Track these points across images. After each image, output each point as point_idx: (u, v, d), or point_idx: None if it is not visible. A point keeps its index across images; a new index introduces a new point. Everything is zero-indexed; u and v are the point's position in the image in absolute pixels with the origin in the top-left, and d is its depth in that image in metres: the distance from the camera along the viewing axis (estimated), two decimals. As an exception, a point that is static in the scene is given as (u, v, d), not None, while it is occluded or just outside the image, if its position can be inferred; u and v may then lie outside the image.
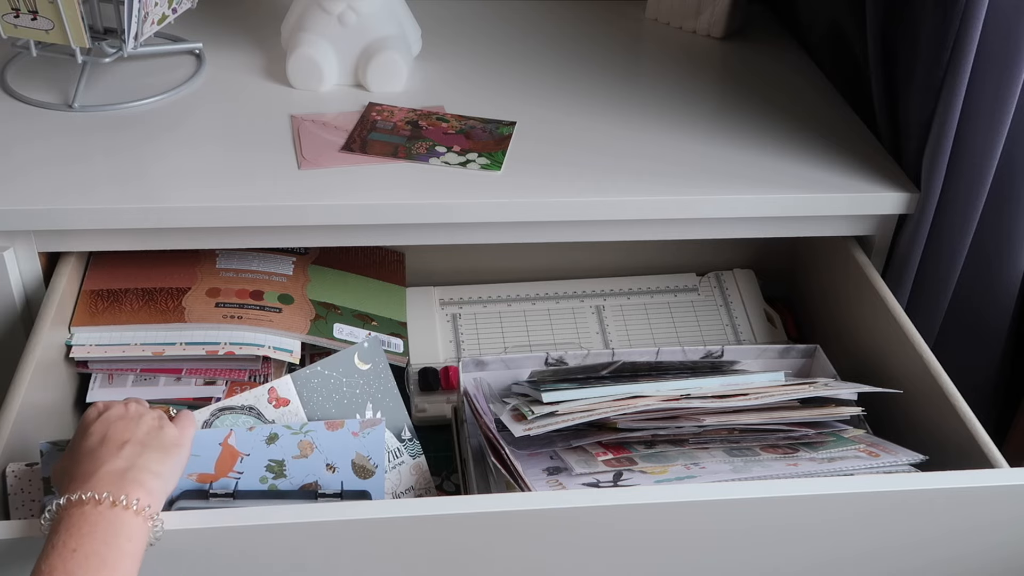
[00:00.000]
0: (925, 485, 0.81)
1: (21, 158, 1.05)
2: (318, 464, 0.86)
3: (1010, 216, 1.07)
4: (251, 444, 0.84)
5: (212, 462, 0.84)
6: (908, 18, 1.04)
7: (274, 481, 0.85)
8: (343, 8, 1.17)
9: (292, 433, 0.85)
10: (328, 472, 0.86)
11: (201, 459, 0.83)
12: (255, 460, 0.85)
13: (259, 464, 0.85)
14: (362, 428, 0.86)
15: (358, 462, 0.86)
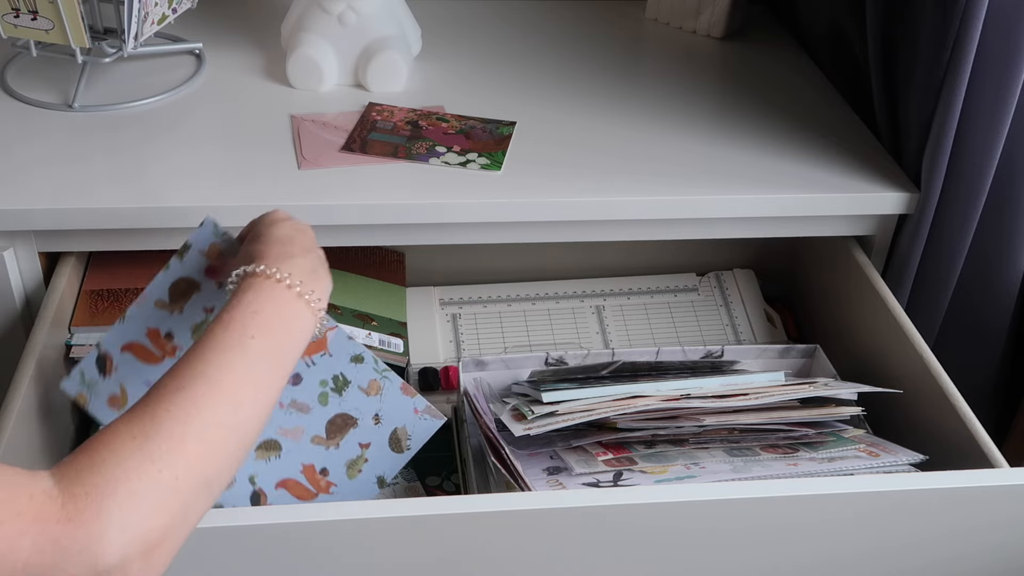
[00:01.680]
0: (925, 485, 0.81)
1: (21, 158, 1.05)
2: (370, 408, 0.86)
3: (1010, 216, 1.07)
4: (340, 349, 0.85)
5: None
6: (908, 18, 1.04)
7: (331, 392, 0.85)
8: (343, 8, 1.17)
9: (374, 368, 0.86)
10: (372, 422, 0.86)
11: None
12: (331, 363, 0.86)
13: (331, 368, 0.86)
14: (424, 411, 0.87)
15: (399, 434, 0.87)
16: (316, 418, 0.86)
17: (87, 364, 0.85)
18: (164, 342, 0.84)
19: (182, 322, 0.84)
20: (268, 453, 0.86)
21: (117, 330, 0.85)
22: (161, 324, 0.84)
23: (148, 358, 0.84)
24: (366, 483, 0.87)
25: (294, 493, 0.87)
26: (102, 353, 0.85)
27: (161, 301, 0.84)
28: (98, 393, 0.85)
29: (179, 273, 0.84)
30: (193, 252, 0.84)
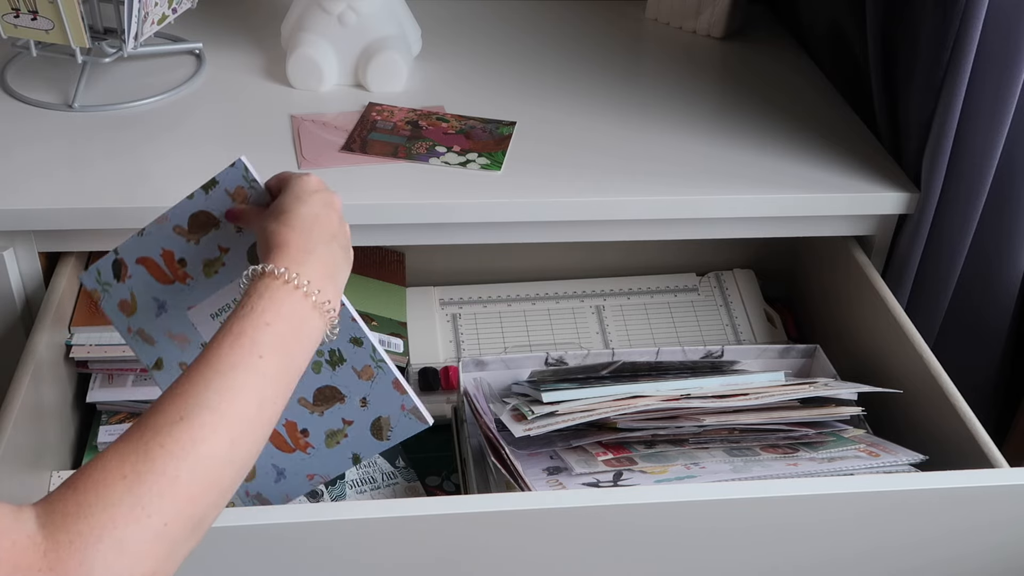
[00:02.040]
0: (925, 485, 0.81)
1: (21, 158, 1.05)
2: (359, 390, 0.85)
3: (1010, 216, 1.07)
4: (344, 328, 0.83)
5: None
6: (908, 18, 1.04)
7: (325, 364, 0.84)
8: (343, 8, 1.17)
9: (371, 356, 0.84)
10: (359, 403, 0.85)
11: None
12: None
13: (330, 343, 0.84)
14: (411, 411, 0.86)
15: (382, 423, 0.86)
16: (306, 383, 0.85)
17: (104, 265, 0.86)
18: (176, 266, 0.84)
19: (196, 253, 0.84)
20: None
21: (135, 241, 0.85)
22: (176, 248, 0.84)
23: (160, 276, 0.85)
24: (342, 456, 0.87)
25: (274, 443, 0.86)
26: (118, 259, 0.85)
27: (180, 227, 0.84)
28: (111, 294, 0.86)
29: (201, 206, 0.83)
30: (219, 189, 0.83)
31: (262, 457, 0.77)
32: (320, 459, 0.87)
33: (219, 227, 0.83)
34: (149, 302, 0.85)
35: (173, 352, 0.86)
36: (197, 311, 0.85)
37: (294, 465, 0.87)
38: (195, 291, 0.85)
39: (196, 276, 0.84)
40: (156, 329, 0.86)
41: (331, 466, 0.87)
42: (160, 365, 0.87)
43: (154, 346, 0.86)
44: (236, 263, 0.84)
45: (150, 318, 0.86)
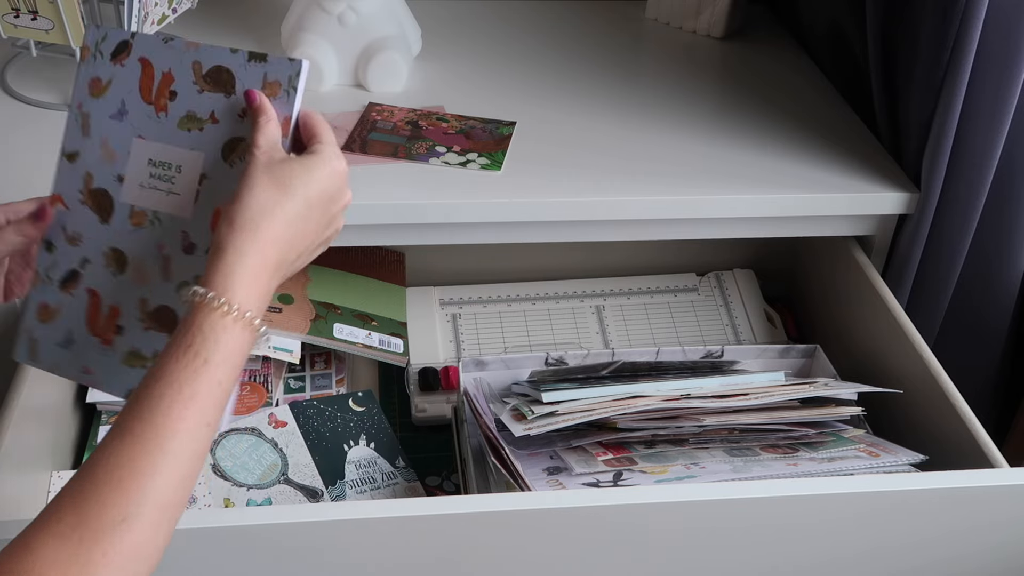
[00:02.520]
0: (925, 485, 0.81)
1: (21, 158, 1.05)
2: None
3: (1010, 216, 1.07)
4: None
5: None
6: (908, 18, 1.04)
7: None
8: (343, 8, 1.17)
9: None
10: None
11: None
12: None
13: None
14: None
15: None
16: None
17: (114, 35, 0.78)
18: (164, 95, 0.75)
19: (191, 100, 0.75)
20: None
21: (153, 42, 0.76)
22: (179, 80, 0.76)
23: (144, 89, 0.76)
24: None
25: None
26: (128, 42, 0.77)
27: (198, 65, 0.75)
28: (95, 65, 0.78)
29: (234, 65, 0.74)
30: (259, 67, 0.74)
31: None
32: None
33: (229, 96, 0.75)
34: (116, 99, 0.77)
35: (94, 156, 0.77)
36: (142, 145, 0.76)
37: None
38: (158, 128, 0.76)
39: (171, 117, 0.76)
40: (99, 124, 0.77)
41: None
42: (74, 158, 0.78)
43: (85, 138, 0.78)
44: (212, 139, 0.75)
45: (104, 112, 0.77)
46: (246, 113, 0.73)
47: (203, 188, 0.74)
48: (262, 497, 0.97)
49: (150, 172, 0.76)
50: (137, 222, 0.76)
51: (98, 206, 0.77)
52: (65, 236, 0.77)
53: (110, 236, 0.76)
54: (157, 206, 0.75)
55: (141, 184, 0.76)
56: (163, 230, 0.75)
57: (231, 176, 0.72)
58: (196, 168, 0.74)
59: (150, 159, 0.76)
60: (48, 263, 0.78)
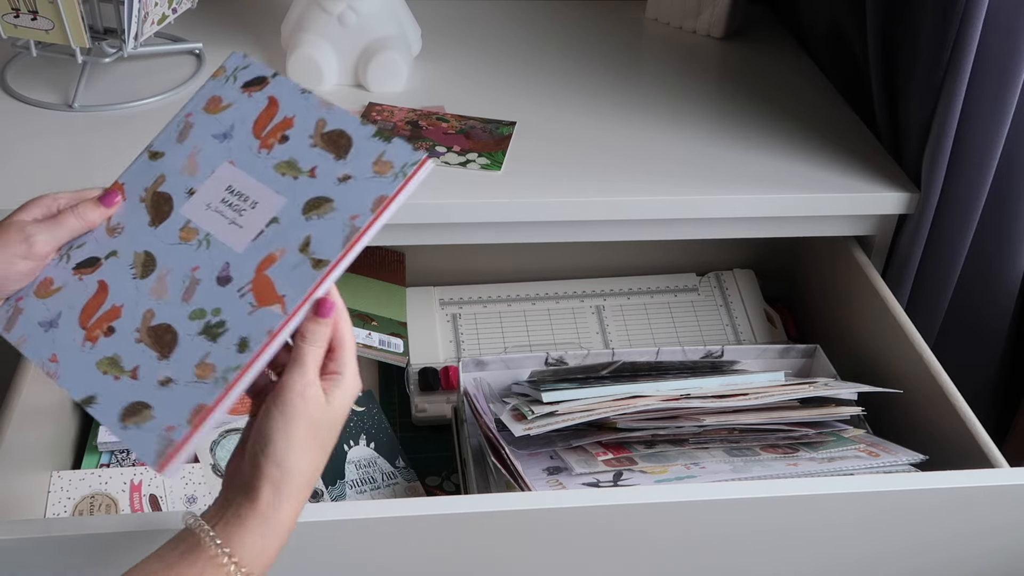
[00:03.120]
0: (925, 485, 0.81)
1: (21, 158, 1.05)
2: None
3: (1010, 216, 1.07)
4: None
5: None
6: (908, 18, 1.04)
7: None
8: (343, 8, 1.17)
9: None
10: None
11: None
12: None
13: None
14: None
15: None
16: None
17: (258, 67, 0.77)
18: (277, 131, 0.75)
19: (304, 154, 0.74)
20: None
21: (293, 86, 0.76)
22: (298, 117, 0.75)
23: (258, 128, 0.75)
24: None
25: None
26: (269, 80, 0.76)
27: (322, 121, 0.75)
28: (225, 87, 0.77)
29: (343, 126, 0.74)
30: (371, 145, 0.73)
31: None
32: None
33: (338, 159, 0.73)
34: (227, 122, 0.76)
35: (176, 163, 0.76)
36: (229, 171, 0.74)
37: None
38: (254, 161, 0.74)
39: (272, 157, 0.74)
40: (198, 138, 0.76)
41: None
42: (156, 157, 0.77)
43: (178, 144, 0.76)
44: (301, 190, 0.72)
45: (208, 129, 0.76)
46: (347, 179, 0.72)
47: (268, 230, 0.72)
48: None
49: (223, 198, 0.74)
50: (185, 237, 0.73)
51: (155, 208, 0.75)
52: (107, 225, 0.76)
53: (151, 240, 0.74)
54: (213, 230, 0.73)
55: (208, 204, 0.74)
56: (207, 254, 0.72)
57: (299, 227, 0.71)
58: (271, 210, 0.72)
59: (230, 186, 0.74)
60: (75, 241, 0.75)
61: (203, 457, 1.00)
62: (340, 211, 0.71)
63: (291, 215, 0.72)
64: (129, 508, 0.96)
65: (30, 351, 0.73)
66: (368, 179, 0.72)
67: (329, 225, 0.71)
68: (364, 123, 0.75)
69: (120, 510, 0.96)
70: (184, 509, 0.96)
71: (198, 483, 0.98)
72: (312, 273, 0.70)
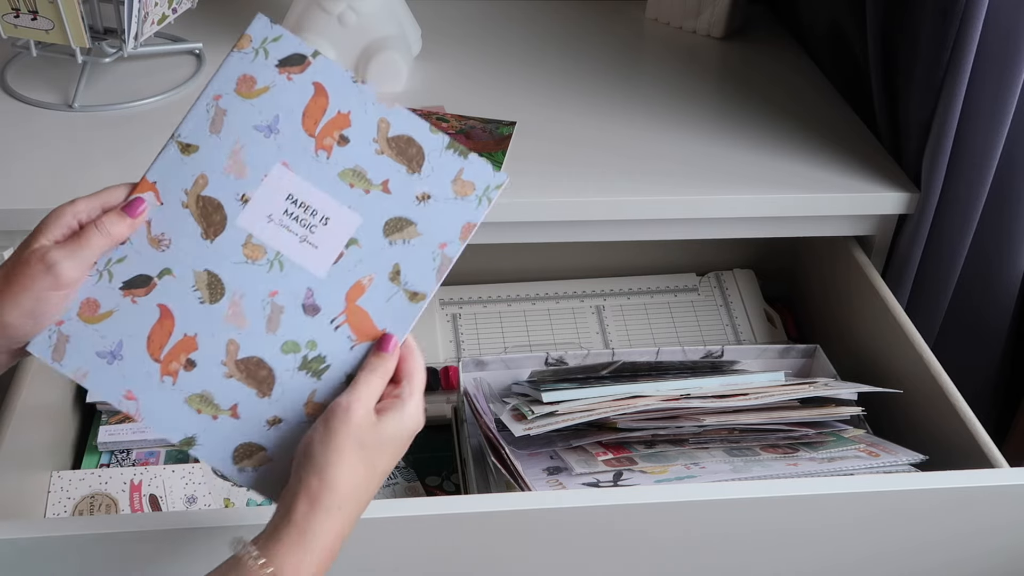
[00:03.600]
0: (925, 485, 0.81)
1: (21, 158, 1.05)
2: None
3: (1010, 216, 1.07)
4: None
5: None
6: (908, 18, 1.04)
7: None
8: (343, 8, 1.17)
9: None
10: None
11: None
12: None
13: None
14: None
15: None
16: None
17: (292, 39, 0.68)
18: (333, 129, 0.68)
19: (372, 162, 0.68)
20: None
21: (338, 73, 0.69)
22: (355, 113, 0.68)
23: (308, 125, 0.68)
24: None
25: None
26: (305, 57, 0.68)
27: (385, 122, 0.68)
28: (257, 60, 0.68)
29: (411, 132, 0.67)
30: (447, 159, 0.67)
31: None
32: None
33: (411, 173, 0.68)
34: (269, 112, 0.68)
35: (217, 161, 0.68)
36: (285, 175, 0.67)
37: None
38: (313, 166, 0.68)
39: (333, 162, 0.68)
40: (237, 129, 0.68)
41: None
42: (189, 150, 0.68)
43: (213, 135, 0.69)
44: (377, 208, 0.67)
45: (248, 118, 0.68)
46: (426, 198, 0.68)
47: (348, 253, 0.67)
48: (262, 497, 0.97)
49: (286, 208, 0.67)
50: (251, 255, 0.67)
51: (205, 217, 0.67)
52: (148, 234, 0.67)
53: (210, 257, 0.67)
54: (283, 248, 0.67)
55: (270, 216, 0.67)
56: (283, 277, 0.67)
57: (384, 252, 0.67)
58: (348, 230, 0.67)
59: (291, 195, 0.67)
60: (112, 254, 0.66)
61: (203, 457, 1.00)
62: (427, 237, 0.68)
63: (371, 236, 0.67)
64: (129, 508, 0.96)
65: (96, 387, 0.66)
66: (450, 201, 0.68)
67: (417, 253, 0.68)
68: (433, 131, 0.68)
69: (120, 510, 0.96)
70: (183, 508, 0.96)
71: (198, 483, 0.98)
72: (410, 307, 0.68)
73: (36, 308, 0.63)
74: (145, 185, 0.67)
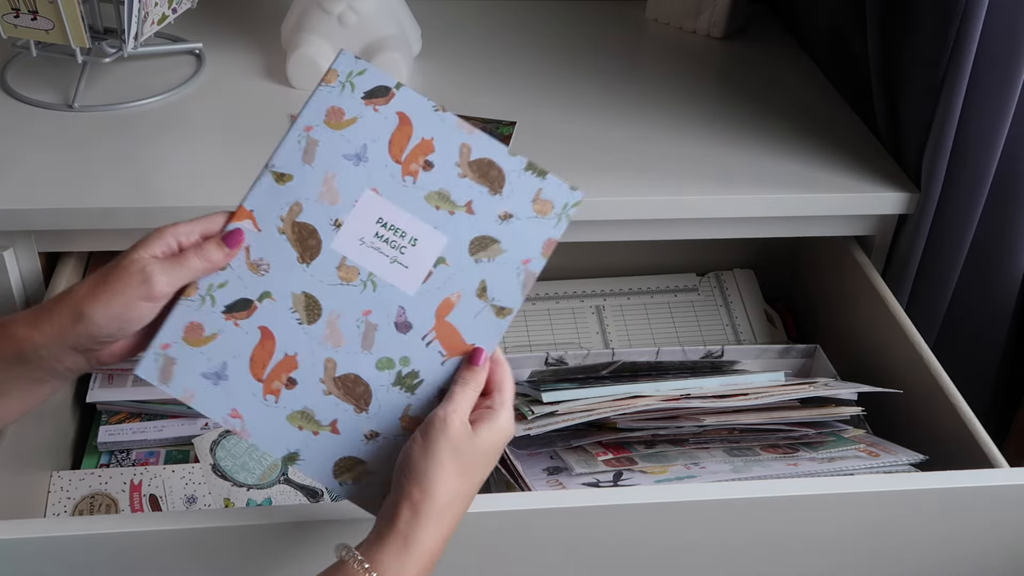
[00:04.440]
0: (925, 485, 0.81)
1: (21, 158, 1.05)
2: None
3: (1010, 216, 1.07)
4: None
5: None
6: (908, 18, 1.04)
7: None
8: (343, 8, 1.17)
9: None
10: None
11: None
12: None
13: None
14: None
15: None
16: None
17: (374, 73, 0.72)
18: (418, 155, 0.71)
19: (456, 185, 0.71)
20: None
21: (422, 101, 0.72)
22: (438, 140, 0.71)
23: (395, 152, 0.71)
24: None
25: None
26: (386, 86, 0.72)
27: (467, 147, 0.71)
28: (343, 92, 0.71)
29: (491, 155, 0.71)
30: (526, 180, 0.71)
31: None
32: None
33: (493, 194, 0.71)
34: (357, 141, 0.71)
35: (311, 189, 0.70)
36: (374, 200, 0.70)
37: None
38: (400, 191, 0.70)
39: (419, 187, 0.71)
40: (328, 159, 0.71)
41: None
42: (284, 180, 0.71)
43: (306, 165, 0.71)
44: (462, 228, 0.71)
45: (338, 148, 0.71)
46: (508, 217, 0.71)
47: (436, 272, 0.70)
48: (262, 497, 0.97)
49: (376, 232, 0.70)
50: (345, 277, 0.70)
51: (301, 242, 0.70)
52: (247, 260, 0.70)
53: (306, 280, 0.70)
54: (375, 269, 0.70)
55: (362, 239, 0.70)
56: (376, 297, 0.70)
57: (470, 270, 0.70)
58: (436, 250, 0.70)
59: (380, 219, 0.70)
60: (214, 280, 0.70)
61: (203, 457, 1.00)
62: (510, 254, 0.71)
63: (458, 255, 0.70)
64: (129, 508, 0.96)
65: (203, 406, 0.69)
66: (531, 219, 0.72)
67: (502, 269, 0.71)
68: (512, 153, 0.72)
69: (120, 510, 0.96)
70: (183, 508, 0.96)
71: (198, 483, 0.99)
72: (497, 321, 0.71)
73: (123, 313, 0.66)
74: (243, 213, 0.71)
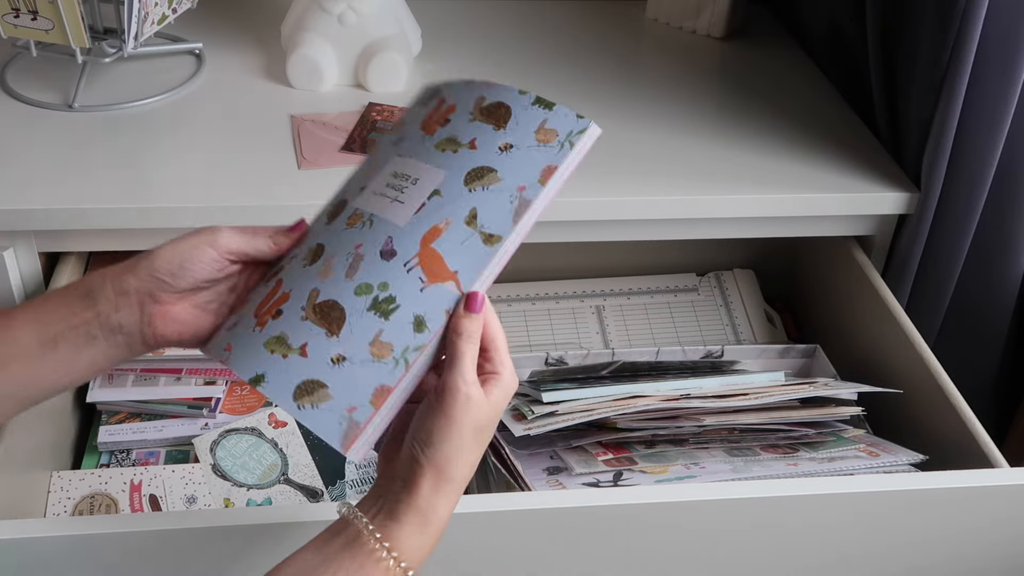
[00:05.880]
0: (925, 485, 0.81)
1: (21, 158, 1.05)
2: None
3: (1010, 216, 1.07)
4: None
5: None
6: (908, 18, 1.04)
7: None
8: (343, 8, 1.17)
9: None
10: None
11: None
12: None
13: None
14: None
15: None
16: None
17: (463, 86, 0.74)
18: (440, 116, 0.74)
19: (464, 129, 0.72)
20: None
21: (461, 86, 0.74)
22: (460, 102, 0.73)
23: (426, 125, 0.74)
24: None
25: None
26: (438, 88, 0.75)
27: (482, 98, 0.73)
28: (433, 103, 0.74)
29: (513, 103, 0.71)
30: (532, 113, 0.70)
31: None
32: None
33: (497, 130, 0.71)
34: (403, 131, 0.74)
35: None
36: (396, 161, 0.72)
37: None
38: (418, 147, 0.72)
39: (434, 139, 0.72)
40: (383, 153, 0.74)
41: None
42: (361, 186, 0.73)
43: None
44: (461, 162, 0.70)
45: (389, 140, 0.75)
46: (508, 148, 0.69)
47: (430, 203, 0.69)
48: (262, 497, 0.97)
49: (387, 182, 0.72)
50: (351, 223, 0.71)
51: (333, 212, 0.73)
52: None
53: (323, 234, 0.71)
54: (376, 210, 0.71)
55: (374, 191, 0.72)
56: (371, 232, 0.70)
57: (463, 198, 0.69)
58: (432, 183, 0.70)
59: (394, 172, 0.72)
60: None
61: (203, 457, 1.00)
62: (506, 182, 0.69)
63: (453, 187, 0.69)
64: (129, 508, 0.96)
65: (211, 351, 0.70)
66: (532, 148, 0.69)
67: (496, 197, 0.69)
68: (523, 92, 0.70)
69: (120, 510, 0.96)
70: (183, 508, 0.96)
71: (198, 483, 0.99)
72: (484, 249, 0.69)
73: (186, 252, 0.68)
74: (304, 225, 0.74)
